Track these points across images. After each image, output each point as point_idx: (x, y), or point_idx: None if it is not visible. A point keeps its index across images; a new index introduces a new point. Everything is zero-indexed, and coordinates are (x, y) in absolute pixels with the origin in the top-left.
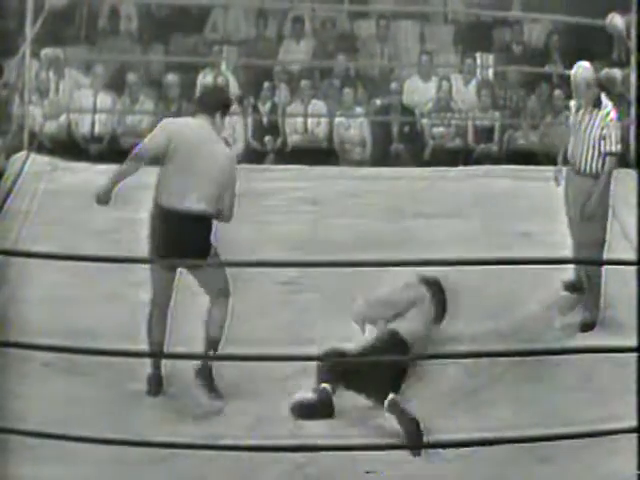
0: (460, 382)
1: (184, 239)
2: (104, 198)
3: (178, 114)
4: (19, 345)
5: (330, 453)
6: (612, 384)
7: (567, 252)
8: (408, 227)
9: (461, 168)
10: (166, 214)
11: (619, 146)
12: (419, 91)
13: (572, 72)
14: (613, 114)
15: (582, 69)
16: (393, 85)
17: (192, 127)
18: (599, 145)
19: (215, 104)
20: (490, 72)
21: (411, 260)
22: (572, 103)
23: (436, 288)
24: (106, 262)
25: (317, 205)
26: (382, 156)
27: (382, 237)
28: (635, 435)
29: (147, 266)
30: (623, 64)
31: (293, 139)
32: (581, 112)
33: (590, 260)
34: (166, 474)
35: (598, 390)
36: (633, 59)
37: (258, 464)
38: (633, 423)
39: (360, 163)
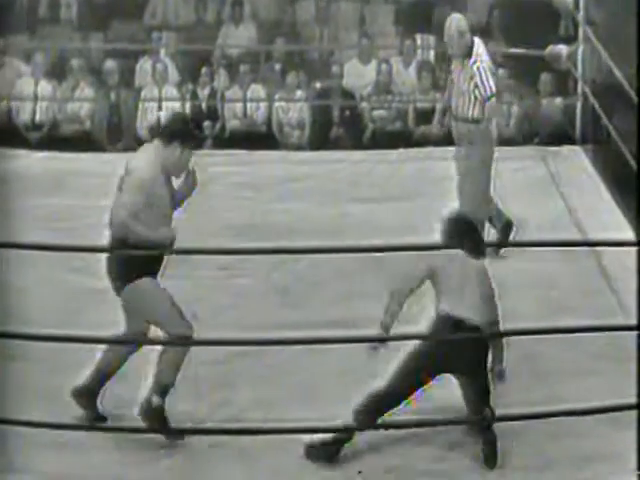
0: None
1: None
2: None
3: (117, 101)
4: None
5: None
6: None
7: None
8: (348, 211)
9: (402, 151)
10: None
11: (493, 88)
12: (359, 74)
13: (446, 24)
14: (482, 59)
15: (455, 19)
16: (333, 68)
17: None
18: (473, 93)
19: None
20: (431, 53)
21: (351, 246)
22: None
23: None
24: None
25: (256, 190)
26: (322, 140)
27: (322, 221)
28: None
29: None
30: (570, 39)
31: (232, 124)
32: (455, 62)
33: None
34: None
35: None
36: (580, 33)
37: None
38: None
39: (299, 147)
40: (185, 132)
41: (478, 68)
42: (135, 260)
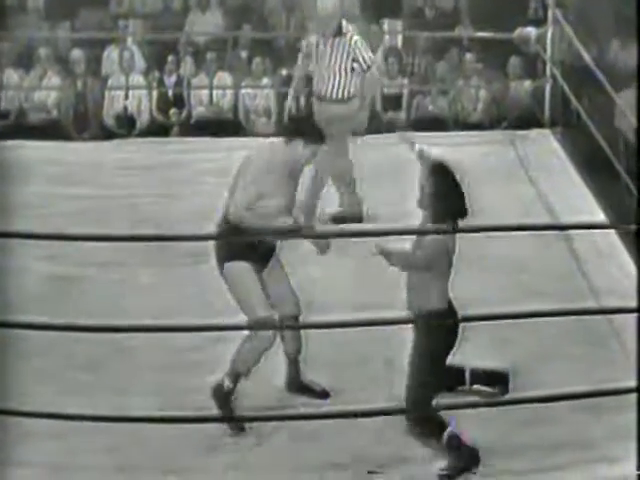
0: None
1: None
2: None
3: (84, 89)
4: None
5: None
6: None
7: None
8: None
9: (369, 136)
10: None
11: (372, 57)
12: None
13: (318, 4)
14: (354, 34)
15: (325, 1)
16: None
17: None
18: (351, 67)
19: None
20: (399, 38)
21: (316, 232)
22: (312, 38)
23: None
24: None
25: (223, 176)
26: None
27: None
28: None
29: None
30: (540, 21)
31: (198, 111)
32: (322, 42)
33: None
34: None
35: None
36: (550, 15)
37: None
38: None
39: (265, 134)
40: (308, 130)
41: (356, 42)
42: (232, 245)
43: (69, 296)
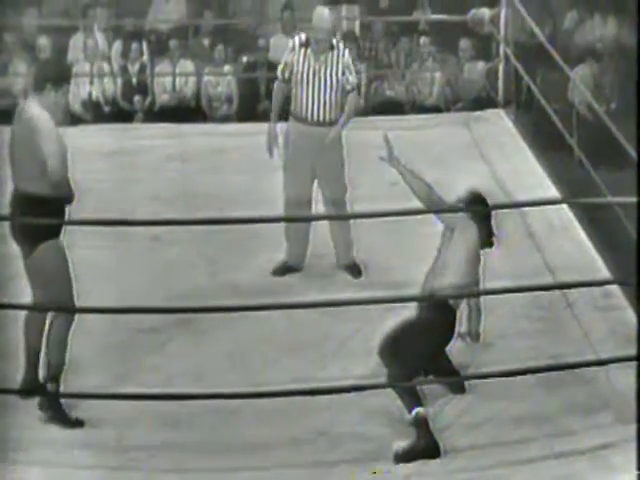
0: None
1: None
2: None
3: None
4: None
5: None
6: None
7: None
8: (275, 182)
9: None
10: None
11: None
12: (283, 47)
13: (317, 17)
14: (347, 51)
15: (326, 13)
16: (260, 42)
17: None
18: (343, 83)
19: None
20: (356, 24)
21: (275, 216)
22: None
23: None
24: None
25: (185, 162)
26: (249, 112)
27: (249, 191)
28: None
29: None
30: (493, 2)
31: (162, 98)
32: (313, 60)
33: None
34: None
35: None
36: None
37: None
38: None
39: (227, 120)
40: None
41: (347, 56)
42: None
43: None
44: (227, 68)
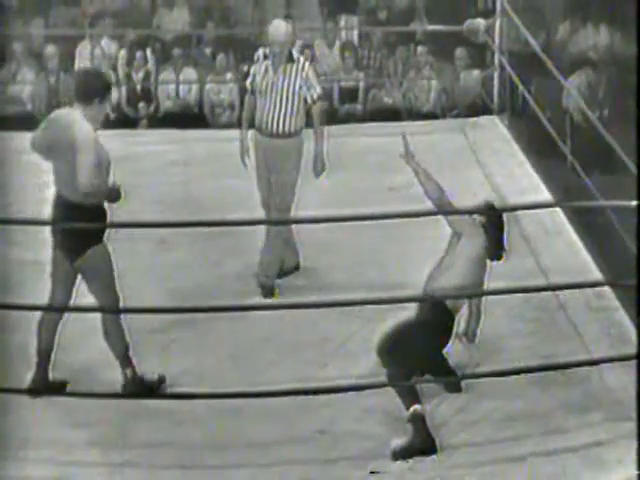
0: None
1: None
2: None
3: (56, 84)
4: None
5: None
6: None
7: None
8: None
9: (326, 127)
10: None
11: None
12: None
13: (273, 29)
14: (307, 64)
15: (283, 24)
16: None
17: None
18: (304, 95)
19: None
20: (355, 34)
21: (279, 219)
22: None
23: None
24: None
25: (188, 167)
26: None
27: (250, 195)
28: None
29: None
30: (489, 13)
31: (166, 105)
32: (271, 72)
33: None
34: None
35: None
36: (498, 6)
37: None
38: None
39: (229, 126)
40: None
41: (307, 68)
42: None
43: (41, 281)
44: (229, 76)
